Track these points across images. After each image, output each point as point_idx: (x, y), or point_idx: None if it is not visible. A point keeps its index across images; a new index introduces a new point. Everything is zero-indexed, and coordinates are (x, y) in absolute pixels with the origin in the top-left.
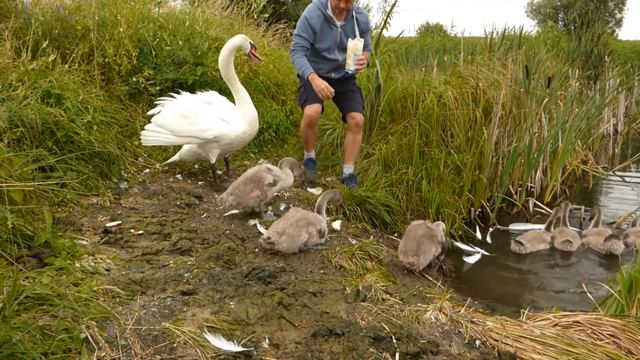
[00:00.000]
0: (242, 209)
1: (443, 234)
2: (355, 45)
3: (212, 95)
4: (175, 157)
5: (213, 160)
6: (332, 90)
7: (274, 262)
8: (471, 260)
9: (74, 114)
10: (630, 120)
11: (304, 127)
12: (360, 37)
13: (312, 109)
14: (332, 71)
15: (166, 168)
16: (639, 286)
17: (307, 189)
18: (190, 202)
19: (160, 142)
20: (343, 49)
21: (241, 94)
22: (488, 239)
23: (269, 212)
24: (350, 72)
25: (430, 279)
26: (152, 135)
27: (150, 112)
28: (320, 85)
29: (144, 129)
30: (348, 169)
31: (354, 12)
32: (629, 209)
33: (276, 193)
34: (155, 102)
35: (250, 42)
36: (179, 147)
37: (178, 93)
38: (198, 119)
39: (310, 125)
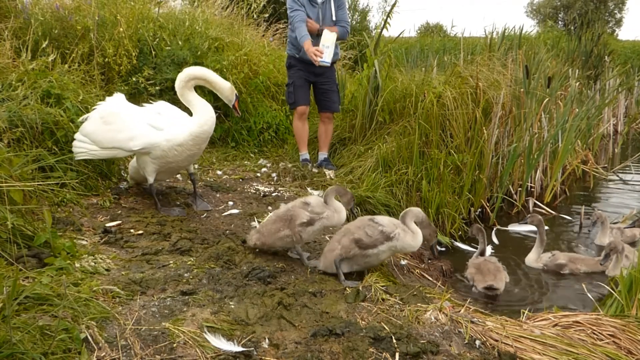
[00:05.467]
0: (269, 248)
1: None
2: (326, 36)
3: (162, 105)
4: (128, 179)
5: (150, 179)
6: (319, 57)
7: (274, 262)
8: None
9: (73, 114)
10: (630, 120)
11: (296, 121)
12: (337, 12)
13: (301, 107)
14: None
15: None
16: (639, 286)
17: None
18: (190, 202)
19: (87, 155)
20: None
21: (198, 106)
22: (494, 239)
23: (308, 256)
24: (326, 63)
25: (430, 279)
26: (79, 146)
27: (80, 119)
28: (309, 50)
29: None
30: (322, 155)
31: None
32: (630, 209)
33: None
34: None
35: (236, 94)
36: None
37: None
38: (123, 126)
39: (302, 119)
